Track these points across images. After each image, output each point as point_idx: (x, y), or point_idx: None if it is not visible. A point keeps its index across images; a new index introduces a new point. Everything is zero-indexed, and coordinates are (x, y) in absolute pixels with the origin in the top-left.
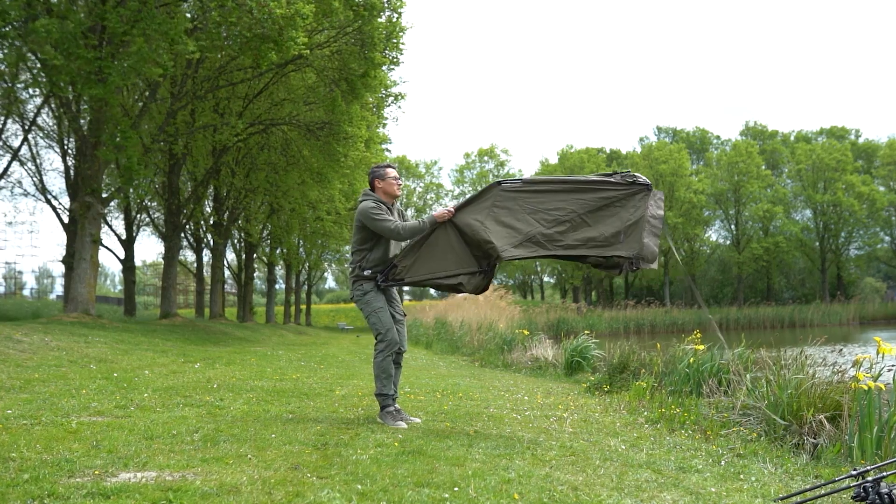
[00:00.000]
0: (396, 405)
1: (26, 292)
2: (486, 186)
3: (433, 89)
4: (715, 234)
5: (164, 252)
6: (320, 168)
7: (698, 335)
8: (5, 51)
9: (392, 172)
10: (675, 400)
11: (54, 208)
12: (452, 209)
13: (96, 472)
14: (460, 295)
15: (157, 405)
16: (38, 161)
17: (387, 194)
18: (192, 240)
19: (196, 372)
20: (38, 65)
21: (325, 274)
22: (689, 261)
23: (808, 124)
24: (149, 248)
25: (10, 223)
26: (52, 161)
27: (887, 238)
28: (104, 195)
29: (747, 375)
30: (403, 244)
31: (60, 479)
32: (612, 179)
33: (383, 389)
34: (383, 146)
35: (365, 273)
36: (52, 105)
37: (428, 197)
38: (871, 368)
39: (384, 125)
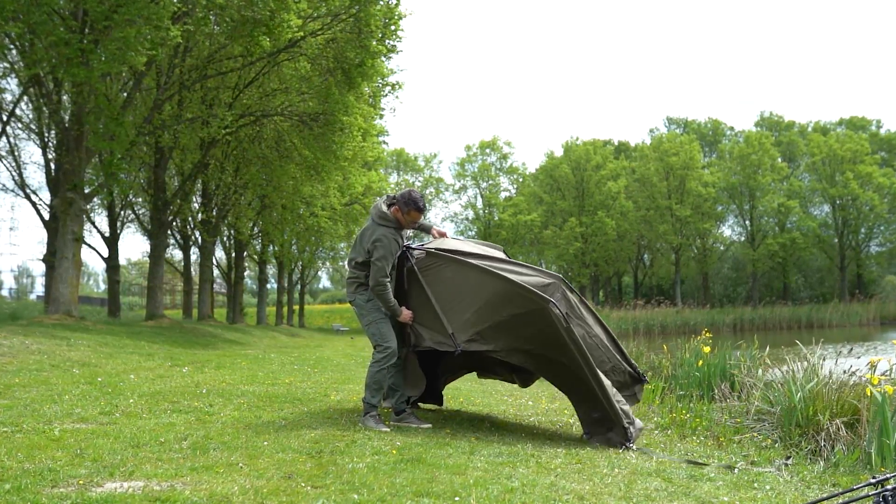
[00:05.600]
0: (409, 408)
1: (5, 292)
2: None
3: (432, 79)
4: (729, 229)
5: (149, 250)
6: (315, 161)
7: (707, 335)
8: None
9: (416, 217)
10: (686, 405)
11: (34, 204)
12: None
13: (81, 482)
14: None
15: (144, 411)
16: (16, 154)
17: (397, 221)
18: (179, 237)
19: (184, 376)
20: (14, 50)
21: (319, 273)
22: (701, 258)
23: (826, 115)
24: (134, 246)
25: None
26: (32, 154)
27: None
28: (87, 190)
29: (762, 378)
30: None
31: (43, 488)
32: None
33: (371, 399)
34: (380, 138)
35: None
36: (32, 95)
37: (427, 192)
38: (889, 372)
39: (381, 116)
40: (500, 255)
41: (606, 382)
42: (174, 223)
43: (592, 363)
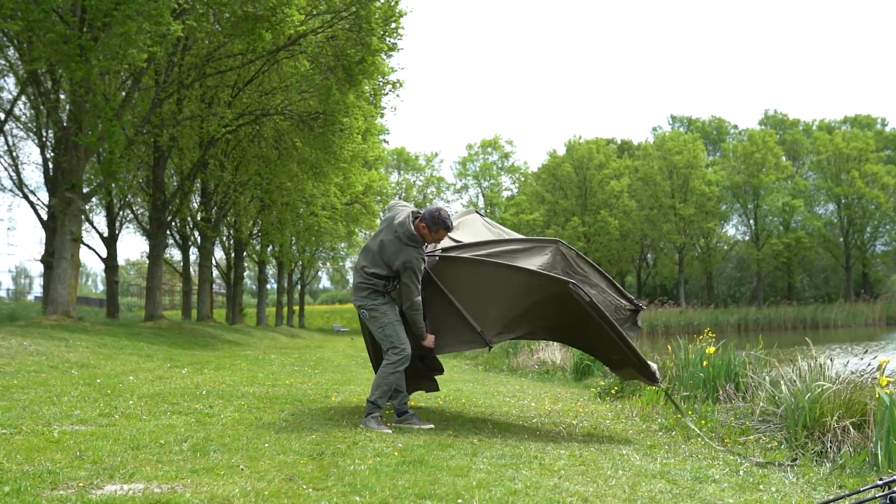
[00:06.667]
0: (411, 409)
1: (2, 293)
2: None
3: (434, 77)
4: (733, 229)
5: (148, 250)
6: (315, 161)
7: (710, 334)
8: None
9: (442, 235)
10: (691, 406)
11: (32, 204)
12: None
13: (80, 484)
14: None
15: (143, 413)
16: (14, 154)
17: (422, 237)
18: (178, 237)
19: (183, 377)
20: (12, 48)
21: (320, 273)
22: (705, 257)
23: (831, 113)
24: (132, 246)
25: None
26: (31, 153)
27: None
28: (85, 190)
29: (767, 379)
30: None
31: (43, 491)
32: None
33: (378, 401)
34: (381, 137)
35: (388, 290)
36: (30, 94)
37: (428, 191)
38: None
39: (382, 115)
40: (481, 224)
41: (631, 341)
42: (173, 223)
43: (617, 327)
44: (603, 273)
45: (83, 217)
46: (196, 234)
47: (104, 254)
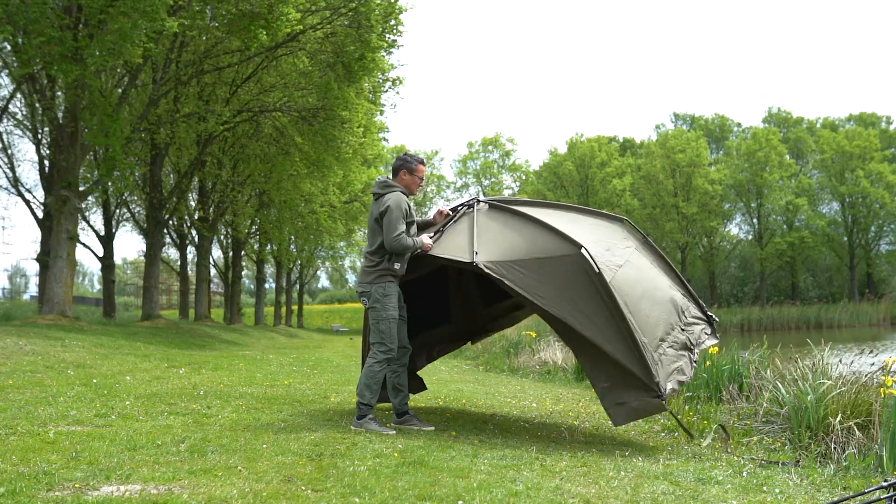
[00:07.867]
0: (411, 410)
1: None
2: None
3: (434, 74)
4: (736, 228)
5: (145, 249)
6: (317, 156)
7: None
8: None
9: (422, 170)
10: (693, 406)
11: (28, 202)
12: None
13: (76, 486)
14: None
15: (140, 413)
16: (9, 151)
17: (406, 186)
18: (175, 236)
19: (181, 378)
20: (8, 46)
21: (318, 272)
22: (708, 257)
23: (835, 111)
24: (129, 245)
25: None
26: (26, 151)
27: None
28: (81, 188)
29: (771, 379)
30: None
31: (39, 492)
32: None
33: (371, 401)
34: (380, 135)
35: (395, 266)
36: (25, 91)
37: (428, 189)
38: None
39: (381, 112)
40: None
41: (641, 339)
42: (170, 222)
43: (624, 313)
44: (671, 265)
45: (79, 215)
46: (193, 232)
47: (101, 252)
